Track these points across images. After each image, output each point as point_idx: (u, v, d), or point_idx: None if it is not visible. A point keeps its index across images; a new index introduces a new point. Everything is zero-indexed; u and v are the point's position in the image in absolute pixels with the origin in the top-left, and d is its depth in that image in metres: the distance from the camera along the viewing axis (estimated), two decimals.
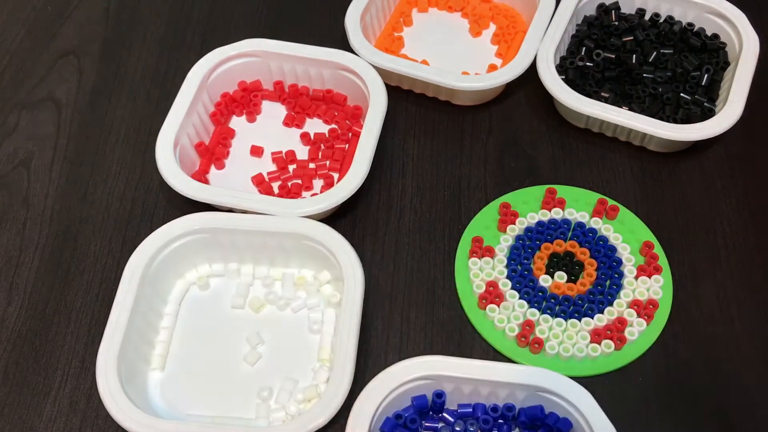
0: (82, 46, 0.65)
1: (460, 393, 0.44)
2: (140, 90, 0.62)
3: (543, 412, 0.43)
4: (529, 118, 0.59)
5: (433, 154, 0.57)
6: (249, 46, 0.58)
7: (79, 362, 0.48)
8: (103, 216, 0.54)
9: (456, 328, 0.49)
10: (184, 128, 0.54)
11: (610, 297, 0.49)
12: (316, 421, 0.41)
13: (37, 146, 0.58)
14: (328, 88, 0.59)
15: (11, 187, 0.56)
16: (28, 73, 0.63)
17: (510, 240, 0.51)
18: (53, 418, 0.46)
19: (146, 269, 0.47)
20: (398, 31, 0.64)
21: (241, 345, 0.48)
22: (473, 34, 0.64)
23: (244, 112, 0.59)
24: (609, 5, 0.62)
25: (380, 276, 0.51)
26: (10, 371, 0.48)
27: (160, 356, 0.47)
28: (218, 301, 0.50)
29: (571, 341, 0.47)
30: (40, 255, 0.53)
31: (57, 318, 0.50)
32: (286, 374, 0.47)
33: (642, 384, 0.47)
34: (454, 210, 0.54)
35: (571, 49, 0.60)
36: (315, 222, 0.49)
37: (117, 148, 0.58)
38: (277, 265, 0.51)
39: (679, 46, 0.60)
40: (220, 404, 0.46)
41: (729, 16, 0.59)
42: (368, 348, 0.48)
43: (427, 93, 0.60)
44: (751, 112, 0.54)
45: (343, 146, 0.57)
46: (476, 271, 0.50)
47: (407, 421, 0.43)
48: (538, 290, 0.49)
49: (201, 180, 0.54)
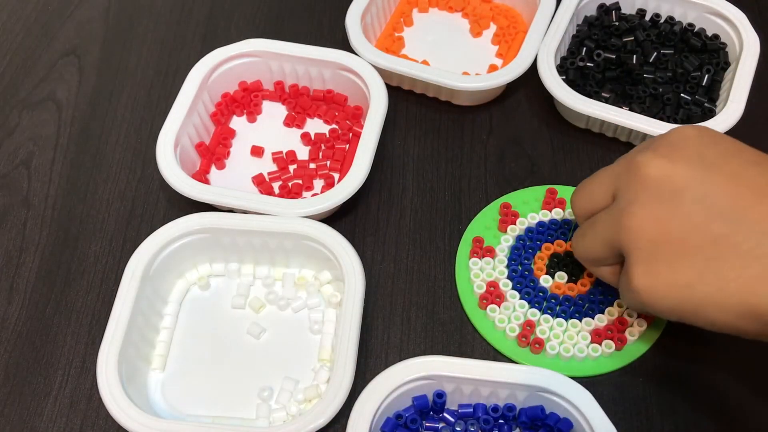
0: (83, 46, 0.65)
1: (461, 393, 0.44)
2: (140, 90, 0.62)
3: (544, 412, 0.43)
4: (529, 119, 0.59)
5: (433, 154, 0.57)
6: (249, 46, 0.58)
7: (80, 362, 0.48)
8: (104, 216, 0.54)
9: (456, 328, 0.49)
10: (185, 128, 0.54)
11: (610, 297, 0.49)
12: (317, 422, 0.41)
13: (37, 146, 0.58)
14: (329, 89, 0.59)
15: (11, 187, 0.56)
16: (28, 73, 0.63)
17: (510, 240, 0.51)
18: (53, 418, 0.46)
19: (147, 269, 0.47)
20: (399, 31, 0.64)
21: (241, 345, 0.48)
22: (474, 35, 0.64)
23: (245, 112, 0.59)
24: (609, 5, 0.62)
25: (380, 276, 0.51)
26: (10, 371, 0.48)
27: (160, 356, 0.47)
28: (219, 301, 0.50)
29: (571, 341, 0.47)
30: (40, 255, 0.53)
31: (57, 318, 0.50)
32: (287, 374, 0.47)
33: (643, 384, 0.47)
34: (454, 210, 0.54)
35: (571, 50, 0.60)
36: (315, 222, 0.49)
37: (117, 148, 0.58)
38: (278, 265, 0.51)
39: (680, 47, 0.60)
40: (220, 404, 0.46)
41: (729, 17, 0.59)
42: (368, 348, 0.48)
43: (427, 93, 0.60)
44: (752, 113, 0.54)
45: (344, 146, 0.57)
46: (477, 271, 0.50)
47: (408, 422, 0.43)
48: (539, 290, 0.49)
49: (201, 180, 0.54)
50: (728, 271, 0.37)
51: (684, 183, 0.39)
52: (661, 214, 0.39)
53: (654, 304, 0.40)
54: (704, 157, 0.40)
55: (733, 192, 0.38)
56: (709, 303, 0.38)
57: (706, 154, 0.40)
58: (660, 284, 0.39)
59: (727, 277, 0.37)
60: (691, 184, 0.39)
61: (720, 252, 0.37)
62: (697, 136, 0.41)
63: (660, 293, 0.39)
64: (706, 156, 0.40)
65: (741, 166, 0.39)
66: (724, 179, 0.38)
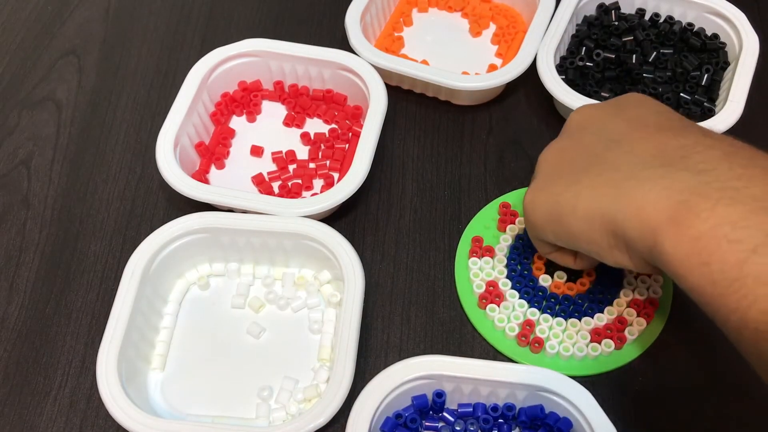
0: (82, 46, 0.65)
1: (461, 393, 0.44)
2: (140, 90, 0.62)
3: (543, 412, 0.43)
4: (529, 118, 0.59)
5: (433, 153, 0.57)
6: (249, 46, 0.58)
7: (80, 362, 0.48)
8: (104, 216, 0.54)
9: (456, 328, 0.49)
10: (184, 128, 0.54)
11: (610, 296, 0.49)
12: (317, 421, 0.41)
13: (37, 146, 0.58)
14: (328, 88, 0.59)
15: (11, 187, 0.56)
16: (28, 73, 0.63)
17: (510, 240, 0.51)
18: (53, 418, 0.46)
19: (146, 269, 0.47)
20: (398, 31, 0.64)
21: (241, 345, 0.48)
22: (473, 34, 0.64)
23: (244, 112, 0.59)
24: (609, 5, 0.62)
25: (380, 276, 0.51)
26: (10, 371, 0.48)
27: (160, 356, 0.47)
28: (218, 300, 0.50)
29: (571, 341, 0.47)
30: (40, 255, 0.53)
31: (57, 318, 0.50)
32: (287, 374, 0.47)
33: (642, 383, 0.47)
34: (454, 210, 0.54)
35: (571, 49, 0.60)
36: (315, 222, 0.49)
37: (117, 148, 0.58)
38: (278, 265, 0.51)
39: (679, 46, 0.60)
40: (220, 404, 0.46)
41: (729, 16, 0.59)
42: (368, 348, 0.48)
43: (427, 93, 0.60)
44: (751, 112, 0.54)
45: (343, 146, 0.57)
46: (476, 270, 0.50)
47: (407, 421, 0.43)
48: (538, 290, 0.49)
49: (201, 180, 0.54)
50: (589, 181, 0.39)
51: (591, 121, 0.43)
52: (564, 145, 0.43)
53: (530, 215, 0.43)
54: (623, 106, 0.43)
55: (626, 127, 0.40)
56: (568, 210, 0.39)
57: (626, 106, 0.43)
58: (538, 196, 0.42)
59: (586, 186, 0.39)
60: (595, 122, 0.42)
61: (593, 168, 0.39)
62: (638, 98, 0.43)
63: (536, 203, 0.42)
64: (625, 106, 0.43)
65: (648, 114, 0.41)
66: (624, 119, 0.41)
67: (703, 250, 0.32)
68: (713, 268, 0.32)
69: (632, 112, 0.42)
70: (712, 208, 0.33)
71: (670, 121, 0.40)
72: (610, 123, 0.41)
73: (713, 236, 0.32)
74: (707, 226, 0.33)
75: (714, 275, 0.32)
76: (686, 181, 0.35)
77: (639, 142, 0.39)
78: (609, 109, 0.43)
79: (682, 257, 0.33)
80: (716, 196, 0.33)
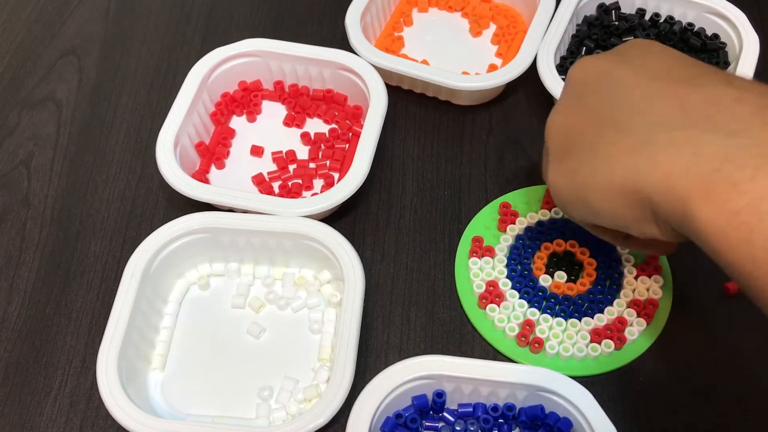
0: (82, 46, 0.65)
1: (461, 393, 0.44)
2: (140, 90, 0.62)
3: (543, 412, 0.43)
4: (529, 118, 0.59)
5: (433, 153, 0.57)
6: (249, 46, 0.58)
7: (80, 362, 0.48)
8: (104, 216, 0.54)
9: (456, 328, 0.49)
10: (185, 128, 0.54)
11: (610, 297, 0.49)
12: (317, 421, 0.41)
13: (37, 146, 0.58)
14: (329, 88, 0.59)
15: (11, 186, 0.56)
16: (28, 73, 0.63)
17: (510, 240, 0.51)
18: (53, 418, 0.46)
19: (146, 269, 0.47)
20: (398, 31, 0.64)
21: (241, 345, 0.48)
22: (473, 34, 0.64)
23: (245, 112, 0.59)
24: (609, 5, 0.62)
25: (380, 276, 0.51)
26: (10, 371, 0.48)
27: (160, 356, 0.47)
28: (219, 300, 0.50)
29: (571, 341, 0.47)
30: (40, 255, 0.53)
31: (57, 318, 0.50)
32: (287, 374, 0.47)
33: (642, 383, 0.47)
34: (454, 210, 0.54)
35: (571, 49, 0.60)
36: (315, 222, 0.49)
37: (117, 148, 0.58)
38: (278, 265, 0.51)
39: (679, 46, 0.60)
40: (220, 404, 0.46)
41: (729, 16, 0.59)
42: (368, 348, 0.48)
43: (427, 93, 0.60)
44: None
45: (344, 146, 0.57)
46: (476, 270, 0.50)
47: (407, 421, 0.43)
48: (538, 290, 0.49)
49: (201, 180, 0.54)
50: (605, 152, 0.35)
51: (593, 76, 0.38)
52: (569, 107, 0.39)
53: (556, 198, 0.40)
54: (626, 55, 0.38)
55: (633, 80, 0.36)
56: (587, 189, 0.37)
57: (630, 54, 0.38)
58: (556, 179, 0.39)
59: (601, 159, 0.36)
60: (598, 77, 0.38)
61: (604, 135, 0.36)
62: (643, 43, 0.39)
63: (556, 186, 0.39)
64: (629, 55, 0.38)
65: (657, 61, 0.37)
66: (630, 70, 0.37)
67: (743, 225, 0.29)
68: (755, 245, 0.29)
69: (638, 61, 0.37)
70: (751, 179, 0.29)
71: (685, 67, 0.36)
72: (614, 77, 0.37)
73: (754, 211, 0.29)
74: (746, 200, 0.29)
75: (756, 252, 0.29)
76: (716, 144, 0.31)
77: (653, 98, 0.35)
78: (611, 61, 0.39)
79: (719, 233, 0.30)
80: (754, 164, 0.30)
